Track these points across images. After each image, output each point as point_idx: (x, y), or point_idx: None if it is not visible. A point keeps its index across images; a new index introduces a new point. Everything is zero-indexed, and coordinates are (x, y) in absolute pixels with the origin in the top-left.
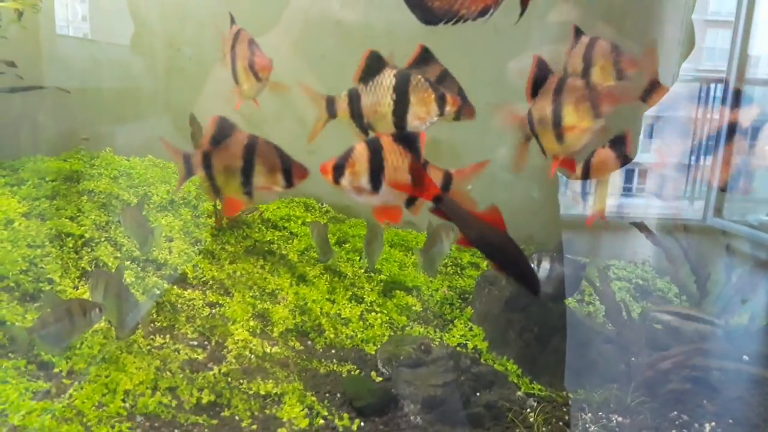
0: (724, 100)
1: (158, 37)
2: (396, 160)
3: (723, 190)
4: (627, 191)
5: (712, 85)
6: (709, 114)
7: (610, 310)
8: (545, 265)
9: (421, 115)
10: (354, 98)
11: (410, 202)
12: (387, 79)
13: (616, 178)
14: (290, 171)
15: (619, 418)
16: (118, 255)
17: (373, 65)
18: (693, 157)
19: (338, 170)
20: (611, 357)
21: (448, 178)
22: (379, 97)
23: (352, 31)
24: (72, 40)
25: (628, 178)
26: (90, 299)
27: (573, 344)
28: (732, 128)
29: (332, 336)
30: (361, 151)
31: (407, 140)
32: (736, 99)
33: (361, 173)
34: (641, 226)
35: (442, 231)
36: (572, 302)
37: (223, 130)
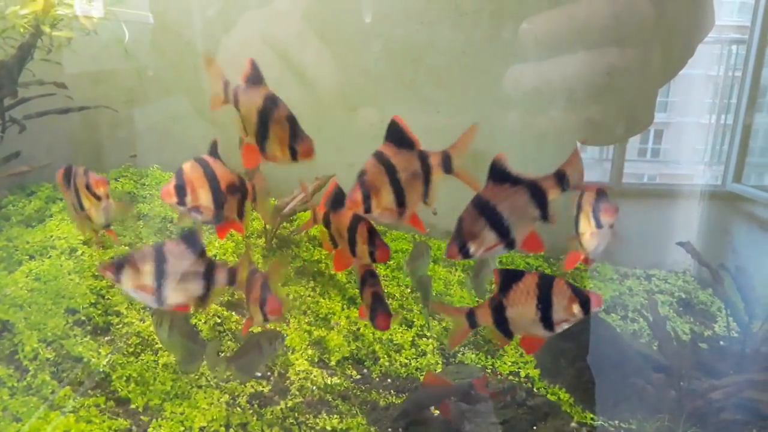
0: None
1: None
2: None
3: None
4: (641, 154)
5: (734, 47)
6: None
7: (660, 338)
8: None
9: None
10: None
11: None
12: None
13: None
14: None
15: None
16: None
17: None
18: (712, 119)
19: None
20: (661, 384)
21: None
22: None
23: None
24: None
25: (643, 139)
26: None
27: (624, 373)
28: None
29: (387, 364)
30: None
31: None
32: None
33: None
34: (687, 247)
35: None
36: (616, 318)
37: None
